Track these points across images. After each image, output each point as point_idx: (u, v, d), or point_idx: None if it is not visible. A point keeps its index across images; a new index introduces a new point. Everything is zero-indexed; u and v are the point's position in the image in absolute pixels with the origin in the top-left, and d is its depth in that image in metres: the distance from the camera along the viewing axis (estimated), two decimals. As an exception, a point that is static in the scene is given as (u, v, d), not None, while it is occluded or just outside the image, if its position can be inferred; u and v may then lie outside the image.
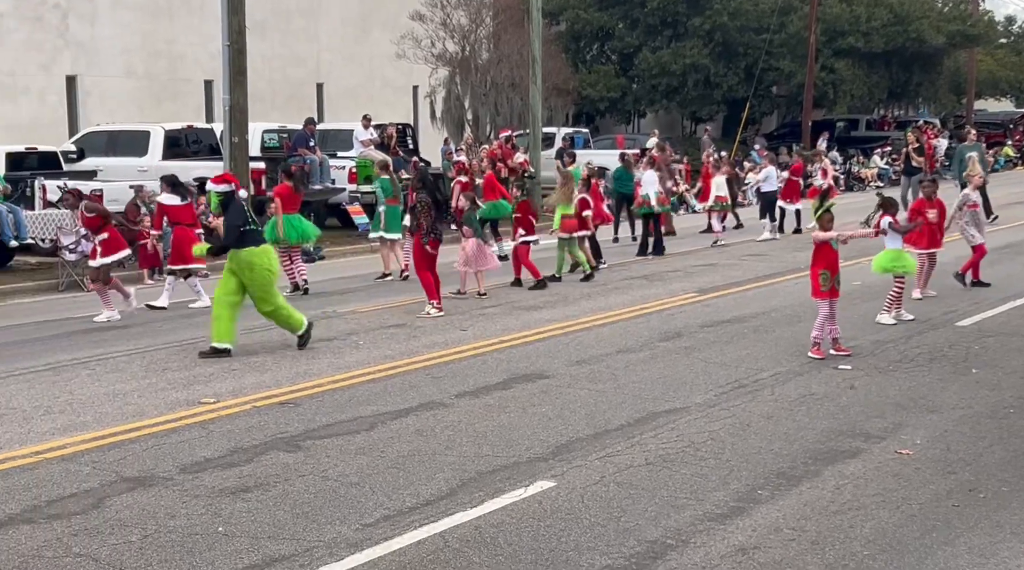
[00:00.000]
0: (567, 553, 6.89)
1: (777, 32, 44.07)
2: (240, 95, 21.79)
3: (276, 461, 8.75)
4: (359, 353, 12.93)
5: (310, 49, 37.28)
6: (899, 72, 49.28)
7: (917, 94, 53.01)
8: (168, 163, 24.05)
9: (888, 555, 6.83)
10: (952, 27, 47.98)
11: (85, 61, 31.58)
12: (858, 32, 45.70)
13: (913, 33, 46.22)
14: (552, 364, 12.21)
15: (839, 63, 45.80)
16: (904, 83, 50.31)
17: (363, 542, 7.06)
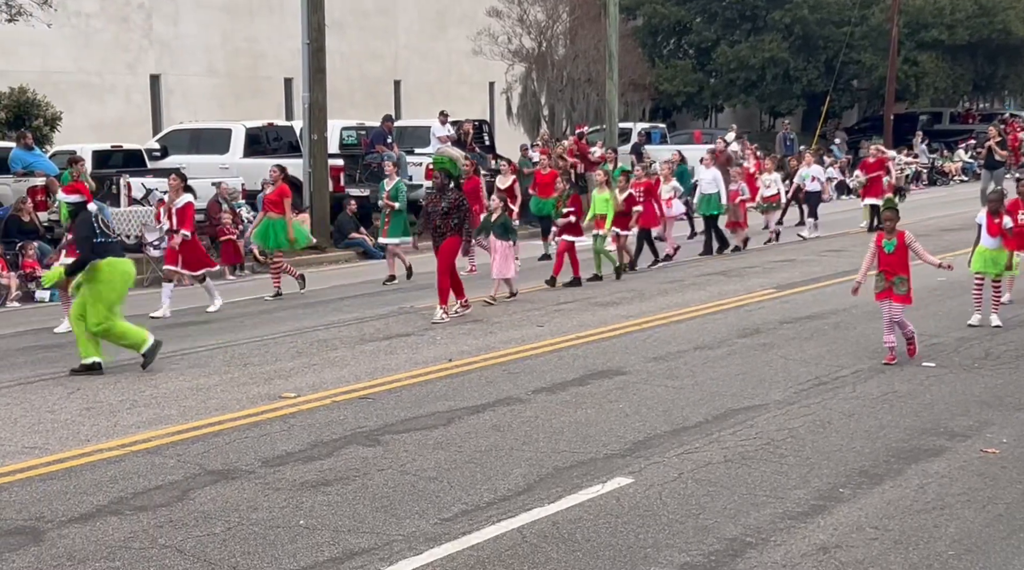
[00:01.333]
0: (645, 550, 6.87)
1: (858, 25, 43.43)
2: (319, 92, 22.03)
3: (355, 455, 8.84)
4: (436, 348, 13.01)
5: (387, 46, 37.56)
6: (984, 64, 48.27)
7: (1003, 87, 51.90)
8: (249, 161, 24.42)
9: (973, 555, 6.71)
10: (1040, 17, 46.89)
11: (169, 60, 32.15)
12: (942, 24, 44.85)
13: (999, 24, 45.23)
14: (629, 360, 12.17)
15: (922, 55, 44.99)
16: (989, 76, 49.27)
17: (441, 536, 7.11)
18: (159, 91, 32.08)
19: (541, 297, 16.65)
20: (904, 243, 11.63)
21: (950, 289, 15.92)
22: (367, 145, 26.11)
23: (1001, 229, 13.29)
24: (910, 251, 11.64)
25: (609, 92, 29.81)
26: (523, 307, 15.77)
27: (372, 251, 22.28)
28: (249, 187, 22.81)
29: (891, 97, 41.31)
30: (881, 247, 11.74)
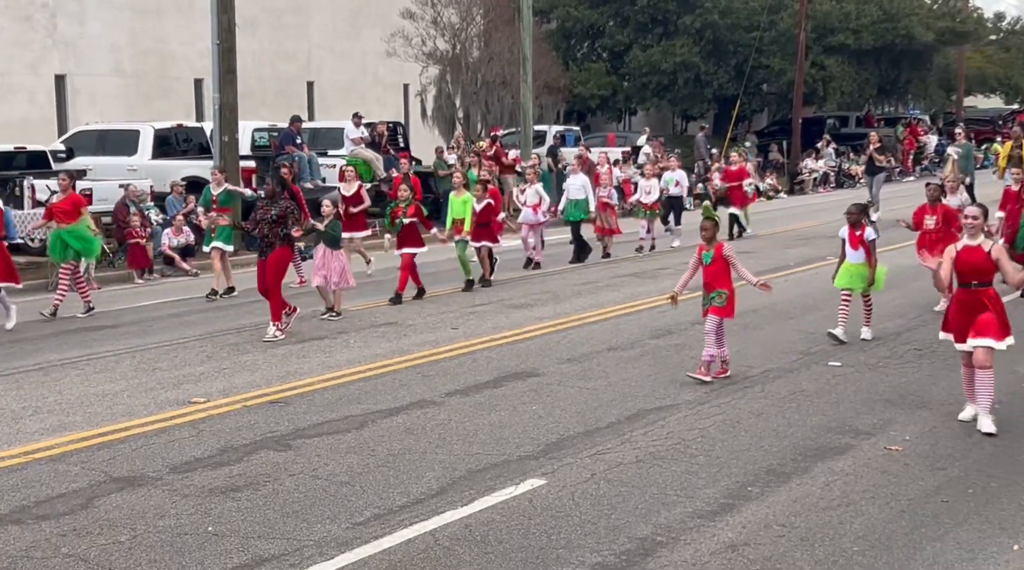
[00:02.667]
0: (557, 550, 6.90)
1: (767, 30, 44.11)
2: (230, 93, 21.74)
3: (266, 460, 8.74)
4: (349, 352, 12.92)
5: (300, 47, 37.22)
6: (889, 69, 49.33)
7: (907, 91, 53.07)
8: (158, 162, 24.03)
9: (877, 551, 6.84)
10: (941, 24, 48.03)
11: (74, 60, 31.49)
12: (848, 29, 45.73)
13: (903, 30, 46.26)
14: (543, 362, 12.21)
15: (829, 60, 45.83)
16: (894, 80, 50.36)
17: (353, 541, 7.06)
18: (64, 92, 31.39)
19: (456, 299, 16.64)
20: (722, 255, 11.22)
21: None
22: (277, 147, 25.86)
23: (863, 242, 12.77)
24: (727, 264, 11.21)
25: (523, 95, 29.89)
26: (438, 309, 15.73)
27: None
28: (158, 189, 22.45)
29: (799, 101, 42.01)
30: (700, 258, 11.37)
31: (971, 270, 9.28)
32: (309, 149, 25.72)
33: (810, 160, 39.71)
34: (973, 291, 9.29)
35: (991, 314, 9.20)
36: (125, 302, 17.01)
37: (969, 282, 9.32)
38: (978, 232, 9.35)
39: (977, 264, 9.25)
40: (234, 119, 22.04)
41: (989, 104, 61.56)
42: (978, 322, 9.20)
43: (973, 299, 9.28)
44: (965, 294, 9.35)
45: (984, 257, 9.24)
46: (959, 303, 9.41)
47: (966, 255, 9.33)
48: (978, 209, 9.45)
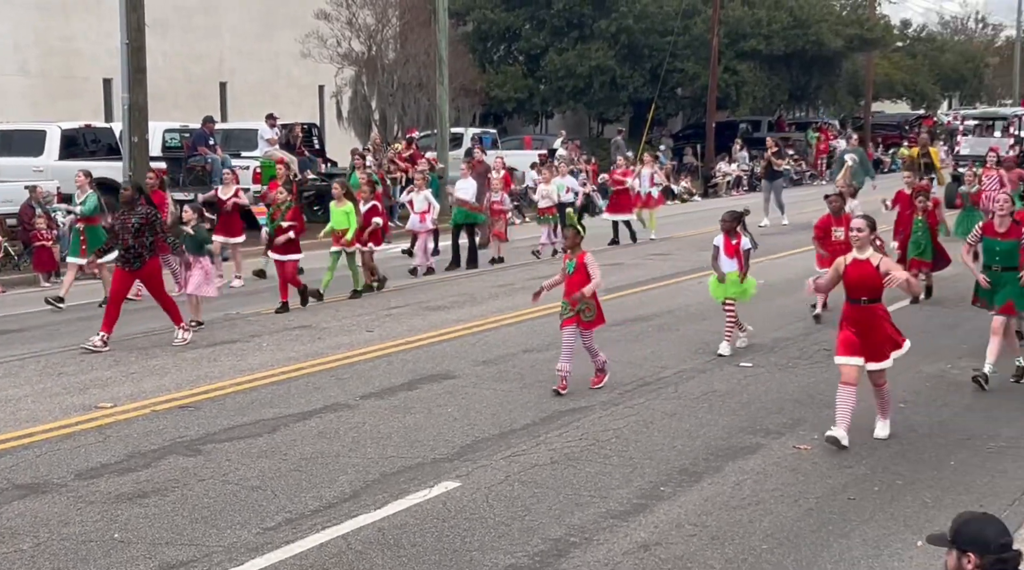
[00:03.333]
0: (471, 553, 6.88)
1: (681, 35, 44.55)
2: (139, 94, 21.35)
3: (175, 465, 8.60)
4: (262, 355, 12.77)
5: (212, 47, 36.71)
6: (799, 75, 50.16)
7: (817, 96, 54.00)
8: (65, 163, 23.52)
9: (785, 549, 6.94)
10: (850, 31, 48.96)
11: (-23, 58, 30.72)
12: (759, 35, 46.39)
13: (812, 36, 47.06)
14: (458, 364, 12.19)
15: (741, 65, 46.44)
16: (804, 85, 51.22)
17: (264, 546, 6.97)
18: (-33, 91, 30.62)
19: (371, 302, 16.53)
20: (584, 264, 10.79)
21: (767, 292, 16.46)
22: (189, 148, 25.48)
23: (737, 252, 12.47)
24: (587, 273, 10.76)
25: (440, 97, 29.81)
26: (353, 312, 15.63)
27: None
28: (66, 190, 21.96)
29: (713, 105, 42.54)
30: (564, 268, 10.98)
31: (860, 285, 8.90)
32: (222, 150, 25.38)
33: (723, 163, 40.23)
34: (863, 308, 8.92)
35: (884, 334, 8.93)
36: (30, 305, 16.62)
37: (859, 298, 8.92)
38: (865, 245, 8.96)
39: (866, 279, 8.86)
40: (144, 120, 21.64)
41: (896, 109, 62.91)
42: (872, 346, 8.87)
43: (864, 315, 8.91)
44: (855, 311, 8.96)
45: (873, 271, 8.85)
46: (850, 321, 8.97)
47: (854, 269, 8.93)
48: (863, 221, 9.06)
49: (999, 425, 9.65)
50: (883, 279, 8.84)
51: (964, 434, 9.40)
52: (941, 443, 9.15)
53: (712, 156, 41.38)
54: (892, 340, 8.99)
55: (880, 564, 6.72)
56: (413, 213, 19.60)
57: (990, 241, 11.05)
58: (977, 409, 10.19)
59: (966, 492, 7.93)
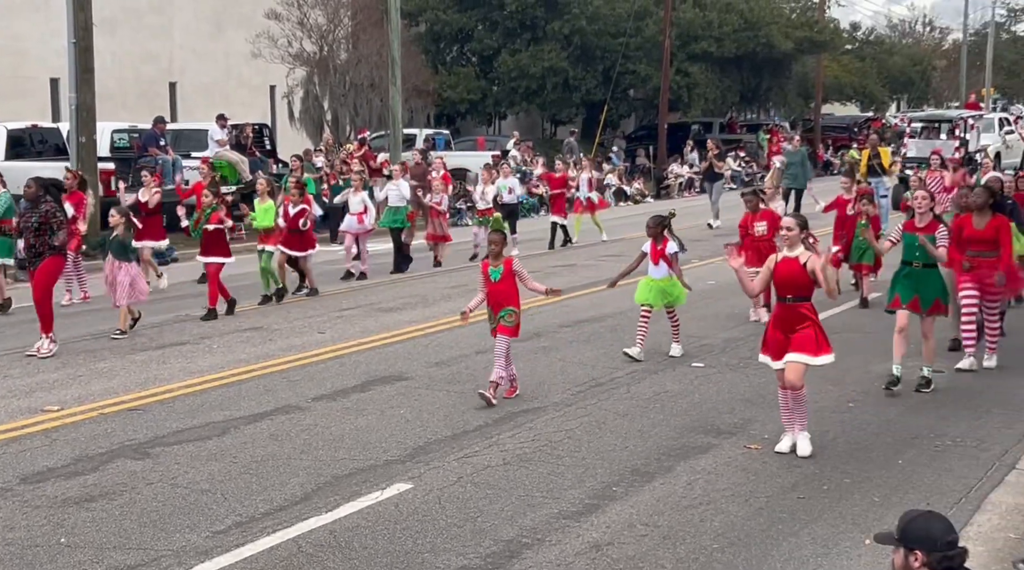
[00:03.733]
0: (423, 555, 6.86)
1: (633, 36, 44.75)
2: (87, 94, 21.13)
3: (123, 469, 8.50)
4: (212, 357, 12.66)
5: (162, 47, 36.37)
6: (750, 77, 50.56)
7: (767, 98, 54.47)
8: (11, 163, 23.19)
9: (736, 548, 6.98)
10: (800, 33, 49.45)
11: (-78, 57, 30.25)
12: (711, 37, 46.71)
13: (763, 39, 47.47)
14: (411, 366, 12.15)
15: (693, 67, 46.73)
16: (755, 87, 51.64)
17: (213, 550, 6.91)
18: (-89, 90, 30.12)
19: (323, 303, 16.45)
20: (511, 270, 10.53)
21: (718, 292, 16.58)
22: (139, 148, 25.22)
23: (664, 256, 12.25)
24: (517, 279, 10.56)
25: (392, 98, 29.74)
26: (305, 313, 15.54)
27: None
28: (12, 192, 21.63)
29: (665, 107, 42.77)
30: (487, 275, 10.61)
31: (787, 283, 8.77)
32: (173, 151, 25.15)
33: (675, 165, 40.44)
34: (790, 306, 8.76)
35: (809, 330, 8.72)
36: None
37: (785, 296, 8.79)
38: (795, 243, 8.80)
39: (793, 277, 8.72)
40: (92, 120, 21.42)
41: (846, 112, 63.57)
42: (794, 339, 8.70)
43: (790, 314, 8.76)
44: (782, 309, 8.83)
45: (799, 270, 8.69)
46: (776, 319, 8.90)
47: (783, 267, 8.81)
48: (793, 219, 8.98)
49: (946, 424, 9.77)
50: (810, 277, 8.70)
51: (912, 433, 9.51)
52: (889, 442, 9.24)
53: (664, 158, 41.58)
54: (816, 343, 8.72)
55: (829, 562, 6.78)
56: (349, 215, 19.04)
57: (911, 237, 10.92)
58: (924, 408, 10.31)
59: (914, 490, 8.02)
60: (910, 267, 10.94)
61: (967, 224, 11.62)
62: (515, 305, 10.56)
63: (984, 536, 7.12)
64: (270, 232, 16.14)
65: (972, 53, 70.26)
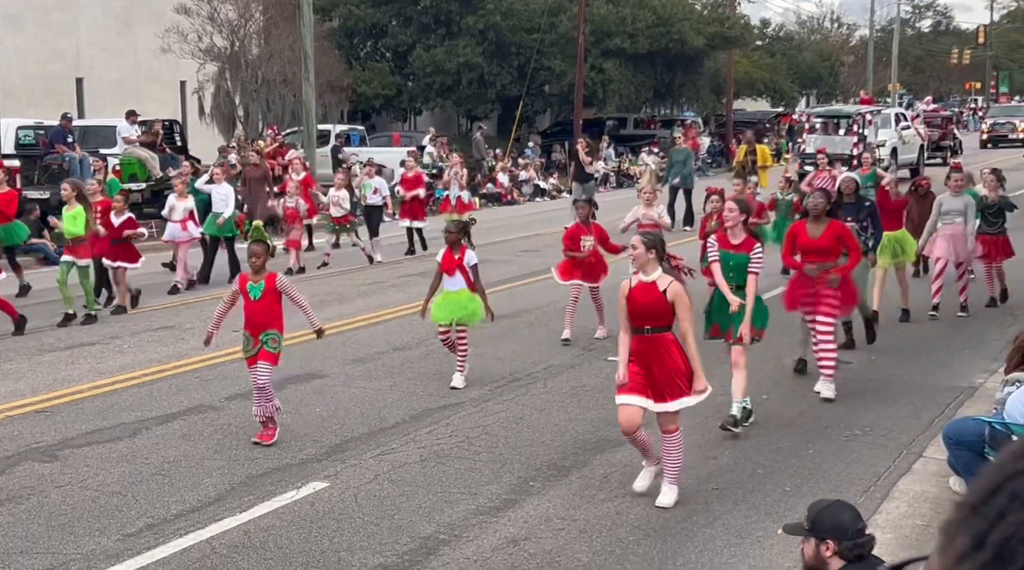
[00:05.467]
0: (339, 553, 6.82)
1: (548, 32, 44.89)
2: (-9, 89, 20.61)
3: (30, 472, 8.31)
4: (123, 357, 12.44)
5: (69, 44, 35.60)
6: (663, 73, 51.01)
7: (680, 94, 55.01)
8: (-88, 160, 22.52)
9: (652, 540, 7.05)
10: (711, 29, 50.01)
11: None
12: (624, 33, 47.03)
13: (675, 35, 47.92)
14: (327, 364, 12.06)
15: (607, 63, 47.01)
16: (669, 83, 52.11)
17: (124, 552, 6.79)
18: None
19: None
20: (275, 287, 9.10)
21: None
22: (46, 145, 24.68)
23: (461, 267, 10.76)
24: (285, 297, 9.17)
25: (306, 93, 29.48)
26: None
27: (53, 257, 21.04)
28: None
29: (579, 102, 42.97)
30: (245, 292, 9.12)
31: (644, 313, 7.51)
32: (80, 148, 24.64)
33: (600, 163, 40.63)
34: (648, 338, 7.52)
35: (672, 368, 7.49)
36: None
37: (642, 327, 7.53)
38: (649, 266, 7.57)
39: (650, 305, 7.47)
40: (-4, 115, 20.91)
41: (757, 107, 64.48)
42: (658, 383, 7.46)
43: (649, 348, 7.52)
44: (640, 343, 7.54)
45: (659, 297, 7.47)
46: (635, 355, 7.57)
47: (639, 294, 7.53)
48: (639, 238, 7.74)
49: (855, 414, 9.96)
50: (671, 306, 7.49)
51: (822, 424, 9.68)
52: (800, 433, 9.40)
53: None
54: (684, 377, 7.51)
55: (742, 552, 6.87)
56: (171, 222, 17.24)
57: (725, 254, 9.38)
58: (834, 401, 10.48)
59: (824, 480, 8.16)
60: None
61: (801, 232, 10.39)
62: (278, 328, 9.10)
63: (892, 524, 7.27)
64: (79, 242, 14.33)
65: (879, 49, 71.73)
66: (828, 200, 10.52)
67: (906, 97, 69.80)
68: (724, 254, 9.43)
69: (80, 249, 14.33)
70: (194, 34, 31.85)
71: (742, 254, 9.28)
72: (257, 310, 9.09)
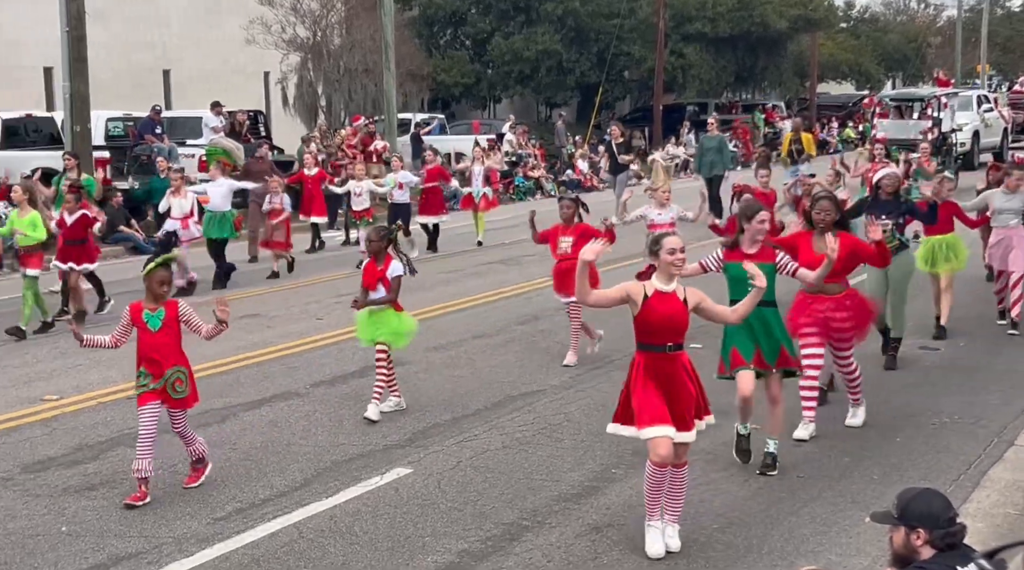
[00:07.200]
0: (423, 539, 6.88)
1: (627, 18, 44.64)
2: (81, 83, 21.09)
3: (123, 457, 8.50)
4: (211, 345, 12.57)
5: (156, 35, 36.26)
6: (745, 56, 50.45)
7: (763, 78, 54.36)
8: (6, 153, 23.16)
9: (736, 528, 7.00)
10: (794, 11, 49.32)
11: (-86, 48, 30.15)
12: (705, 17, 46.61)
13: (757, 18, 47.37)
14: (409, 351, 12.08)
15: (687, 48, 46.65)
16: (750, 67, 51.53)
17: (214, 536, 6.92)
18: (-96, 80, 30.02)
19: (321, 290, 16.44)
20: (176, 316, 7.67)
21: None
22: (136, 136, 25.19)
23: (384, 279, 9.56)
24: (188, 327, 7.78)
25: (387, 82, 29.68)
26: (302, 300, 15.54)
27: (143, 246, 21.48)
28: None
29: (659, 88, 42.69)
30: (142, 323, 7.61)
31: (665, 325, 6.48)
32: (168, 139, 25.11)
33: (671, 146, 40.37)
34: (670, 357, 6.53)
35: (691, 392, 6.65)
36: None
37: (663, 344, 6.51)
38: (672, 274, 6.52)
39: (672, 317, 6.47)
40: (86, 108, 21.39)
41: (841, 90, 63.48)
42: (679, 409, 6.56)
43: (671, 369, 6.54)
44: (655, 360, 6.53)
45: (680, 308, 6.50)
46: (648, 371, 6.55)
47: (658, 304, 6.48)
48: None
49: (943, 402, 9.78)
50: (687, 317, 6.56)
51: (909, 411, 9.52)
52: (887, 420, 9.25)
53: (659, 139, 41.51)
54: (698, 403, 6.75)
55: (828, 541, 6.80)
56: (171, 219, 16.38)
57: (736, 268, 7.76)
58: (921, 387, 10.32)
59: (912, 468, 8.04)
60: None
61: (804, 245, 8.63)
62: (183, 364, 7.73)
63: (984, 512, 7.14)
64: (33, 251, 13.38)
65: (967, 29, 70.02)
66: (838, 209, 8.67)
67: (995, 78, 68.10)
68: (735, 268, 7.85)
69: (31, 258, 13.30)
70: (277, 25, 32.24)
71: (764, 265, 7.52)
72: (157, 343, 7.57)
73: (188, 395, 7.71)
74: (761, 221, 7.96)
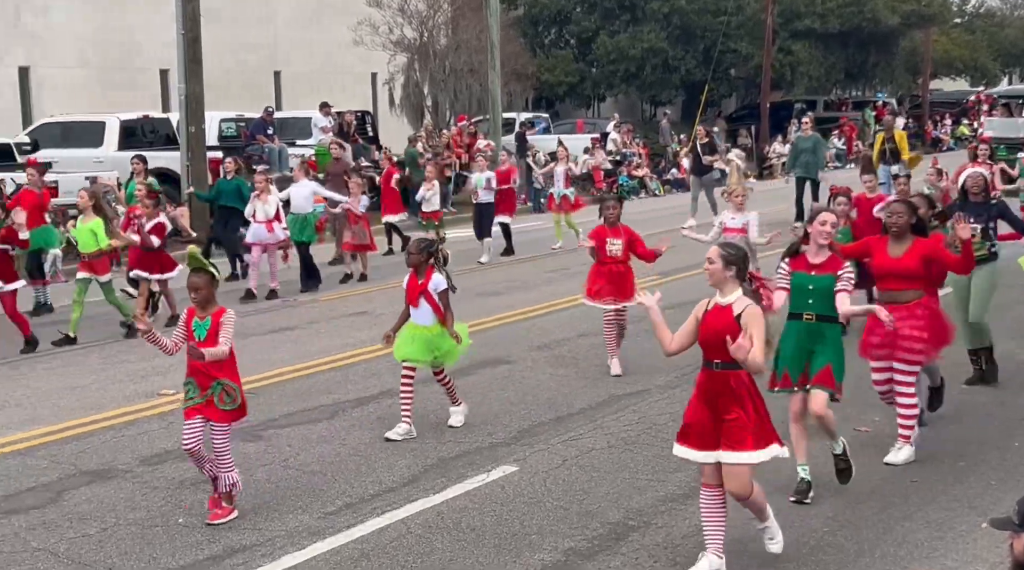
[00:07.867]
0: (530, 536, 6.91)
1: (734, 15, 44.17)
2: (196, 84, 21.60)
3: (237, 451, 8.65)
4: (320, 341, 12.87)
5: (266, 36, 36.98)
6: (855, 53, 49.55)
7: (874, 75, 53.32)
8: (124, 154, 23.81)
9: (847, 531, 6.89)
10: (907, 7, 48.28)
11: (39, 52, 31.16)
12: (814, 14, 45.90)
13: (868, 13, 46.49)
14: (513, 349, 12.20)
15: (796, 45, 45.98)
16: (861, 64, 50.60)
17: (325, 530, 7.05)
18: (28, 83, 31.06)
19: (426, 288, 16.57)
20: (220, 323, 7.25)
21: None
22: (247, 137, 25.72)
23: (426, 293, 9.06)
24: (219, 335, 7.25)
25: (492, 82, 29.84)
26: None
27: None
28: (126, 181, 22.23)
29: (767, 86, 42.17)
30: (190, 331, 7.28)
31: (714, 342, 6.17)
32: (279, 140, 25.60)
33: (778, 144, 39.85)
34: (718, 374, 6.20)
35: (740, 412, 6.15)
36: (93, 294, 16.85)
37: (711, 360, 6.23)
38: (727, 285, 6.29)
39: (721, 332, 6.11)
40: (200, 110, 21.90)
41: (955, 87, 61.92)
42: (727, 427, 6.15)
43: (716, 387, 6.20)
44: (707, 378, 6.27)
45: (730, 322, 6.13)
46: (701, 391, 6.30)
47: (712, 319, 6.26)
48: (717, 250, 6.41)
49: (1064, 406, 9.49)
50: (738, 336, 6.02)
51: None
52: (1004, 423, 9.02)
53: (767, 137, 41.00)
54: (758, 426, 6.20)
55: (944, 546, 6.65)
56: (255, 222, 15.96)
57: (802, 277, 7.51)
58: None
59: (1031, 473, 7.82)
60: (800, 321, 7.52)
61: (879, 250, 8.21)
62: (232, 377, 7.35)
63: (1106, 521, 6.90)
64: (96, 257, 13.15)
65: (1089, 23, 67.89)
66: (912, 213, 8.16)
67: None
68: (800, 278, 7.52)
69: (97, 264, 13.11)
70: (385, 26, 32.62)
71: (826, 276, 7.38)
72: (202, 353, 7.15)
73: (234, 409, 7.29)
74: (822, 223, 7.50)
